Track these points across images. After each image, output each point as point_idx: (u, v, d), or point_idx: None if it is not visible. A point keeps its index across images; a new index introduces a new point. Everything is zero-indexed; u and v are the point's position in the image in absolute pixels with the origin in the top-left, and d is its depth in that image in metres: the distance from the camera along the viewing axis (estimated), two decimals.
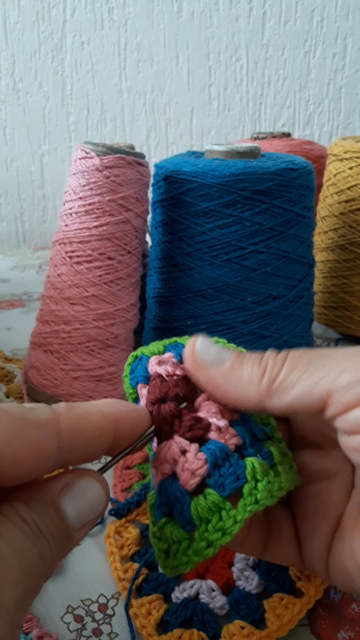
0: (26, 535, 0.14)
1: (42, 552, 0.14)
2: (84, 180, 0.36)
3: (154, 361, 0.19)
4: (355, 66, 0.82)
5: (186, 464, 0.17)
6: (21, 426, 0.14)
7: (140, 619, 0.24)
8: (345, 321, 0.50)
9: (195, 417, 0.17)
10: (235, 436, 0.17)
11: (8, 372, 0.44)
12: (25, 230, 0.96)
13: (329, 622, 0.24)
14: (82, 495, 0.15)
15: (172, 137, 0.88)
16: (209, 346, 0.17)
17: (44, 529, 0.14)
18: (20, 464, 0.14)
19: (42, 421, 0.14)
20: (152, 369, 0.19)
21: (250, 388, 0.16)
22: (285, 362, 0.16)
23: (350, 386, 0.15)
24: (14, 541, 0.13)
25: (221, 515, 0.16)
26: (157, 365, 0.19)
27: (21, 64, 0.85)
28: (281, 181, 0.36)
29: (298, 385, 0.15)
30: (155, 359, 0.19)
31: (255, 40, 0.82)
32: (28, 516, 0.14)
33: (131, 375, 0.20)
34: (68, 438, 0.15)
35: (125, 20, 0.82)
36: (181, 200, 0.37)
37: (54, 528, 0.14)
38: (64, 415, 0.15)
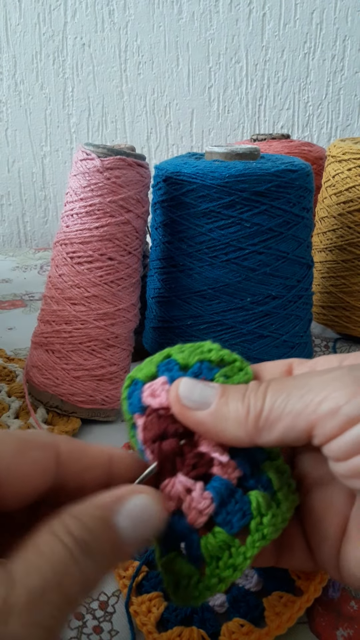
0: (72, 555, 0.13)
1: (86, 571, 0.13)
2: (84, 182, 0.36)
3: (147, 391, 0.18)
4: (354, 68, 0.83)
5: (193, 502, 0.17)
6: (26, 446, 0.14)
7: (140, 616, 0.24)
8: (344, 321, 0.50)
9: (197, 453, 0.17)
10: (237, 469, 0.17)
11: (10, 371, 0.44)
12: (27, 231, 0.96)
13: (328, 620, 0.25)
14: (138, 510, 0.15)
15: (172, 139, 0.88)
16: (192, 389, 0.17)
17: (93, 547, 0.14)
18: (26, 480, 0.14)
19: (44, 443, 0.15)
20: (146, 401, 0.18)
21: (238, 428, 0.16)
22: (266, 397, 0.16)
23: (329, 416, 0.15)
24: (56, 563, 0.13)
25: (231, 553, 0.16)
26: (150, 398, 0.18)
27: (22, 66, 0.86)
28: (280, 182, 0.36)
29: (281, 421, 0.15)
30: (149, 388, 0.18)
31: (255, 42, 0.82)
32: (77, 532, 0.13)
33: (128, 401, 0.19)
34: (66, 461, 0.15)
35: (126, 22, 0.83)
36: (181, 202, 0.37)
37: (105, 544, 0.14)
38: (64, 442, 0.15)
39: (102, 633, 0.24)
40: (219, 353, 0.19)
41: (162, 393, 0.18)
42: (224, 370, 0.18)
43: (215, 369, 0.18)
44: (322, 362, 0.18)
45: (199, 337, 0.39)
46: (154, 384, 0.18)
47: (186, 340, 0.39)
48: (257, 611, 0.24)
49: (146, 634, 0.24)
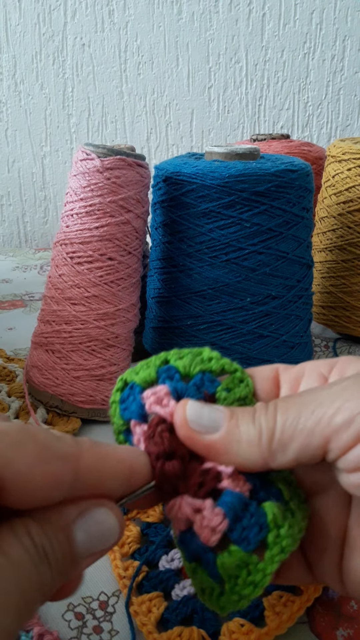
0: (31, 559, 0.13)
1: (43, 578, 0.13)
2: (84, 182, 0.36)
3: (151, 398, 0.17)
4: (354, 68, 0.83)
5: (204, 521, 0.16)
6: (45, 456, 0.14)
7: (140, 616, 0.24)
8: (344, 321, 0.50)
9: (203, 470, 0.16)
10: (247, 482, 0.16)
11: (10, 371, 0.44)
12: (27, 231, 0.96)
13: (328, 620, 0.25)
14: (96, 525, 0.15)
15: (172, 139, 0.88)
16: (200, 412, 0.16)
17: (50, 555, 0.14)
18: (36, 491, 0.14)
19: (65, 454, 0.14)
20: (151, 409, 0.17)
21: (251, 450, 0.16)
22: (277, 417, 0.15)
23: (345, 427, 0.14)
24: (19, 566, 0.13)
25: (249, 570, 0.15)
26: (156, 406, 0.17)
27: (22, 66, 0.86)
28: (280, 182, 0.36)
29: (295, 440, 0.15)
30: (152, 394, 0.17)
31: (255, 43, 0.82)
32: (38, 539, 0.14)
33: (122, 405, 0.18)
34: (85, 475, 0.15)
35: (126, 22, 0.83)
36: (181, 202, 0.37)
37: (61, 554, 0.14)
38: (86, 453, 0.15)
39: (102, 633, 0.24)
40: (220, 362, 0.18)
41: (170, 401, 0.17)
42: (225, 383, 0.18)
43: (216, 381, 0.18)
44: (310, 367, 0.18)
45: (199, 337, 0.39)
46: (158, 392, 0.17)
47: (186, 340, 0.40)
48: (257, 611, 0.24)
49: (146, 634, 0.24)
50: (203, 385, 0.17)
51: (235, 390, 0.17)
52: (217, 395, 0.17)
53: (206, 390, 0.17)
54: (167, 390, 0.17)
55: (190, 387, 0.17)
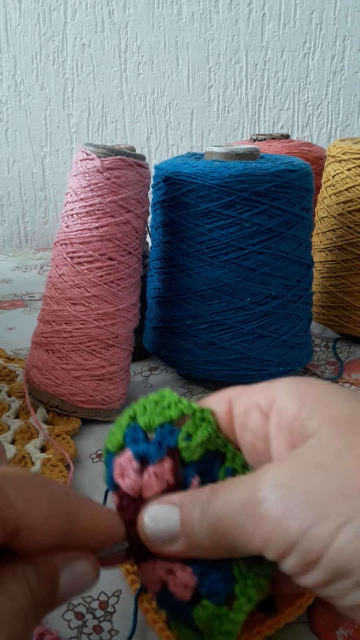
0: (29, 604, 0.15)
1: (30, 622, 0.15)
2: (84, 182, 0.36)
3: (117, 469, 0.18)
4: (354, 68, 0.83)
5: (176, 580, 0.17)
6: (56, 510, 0.15)
7: (151, 613, 0.24)
8: (344, 321, 0.50)
9: None
10: None
11: (10, 371, 0.45)
12: (27, 231, 0.96)
13: (328, 620, 0.25)
14: (78, 574, 0.16)
15: (172, 139, 0.88)
16: (156, 524, 0.17)
17: (40, 601, 0.15)
18: (42, 540, 0.15)
19: (70, 512, 0.16)
20: (117, 481, 0.18)
21: (208, 553, 0.17)
22: (214, 524, 0.16)
23: (266, 549, 0.15)
24: (20, 609, 0.14)
25: (222, 620, 0.17)
26: (120, 479, 0.18)
27: (22, 66, 0.86)
28: (280, 182, 0.36)
29: (237, 547, 0.16)
30: (118, 465, 0.18)
31: (255, 43, 0.83)
32: (34, 585, 0.15)
33: (106, 471, 0.19)
34: (77, 531, 0.16)
35: (126, 22, 0.83)
36: (181, 202, 0.38)
37: (47, 598, 0.15)
38: (84, 512, 0.16)
39: (102, 633, 0.24)
40: (178, 408, 0.18)
41: (130, 473, 0.18)
42: (185, 429, 0.18)
43: (176, 431, 0.18)
44: (251, 401, 0.18)
45: (199, 337, 0.39)
46: (122, 461, 0.18)
47: (186, 340, 0.40)
48: (268, 599, 0.25)
49: (158, 631, 0.24)
50: (164, 440, 0.18)
51: (197, 435, 0.18)
52: (179, 445, 0.18)
53: (168, 445, 0.18)
54: (131, 456, 0.18)
55: (151, 446, 0.18)
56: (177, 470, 0.18)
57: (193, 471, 0.18)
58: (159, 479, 0.17)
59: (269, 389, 0.18)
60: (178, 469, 0.18)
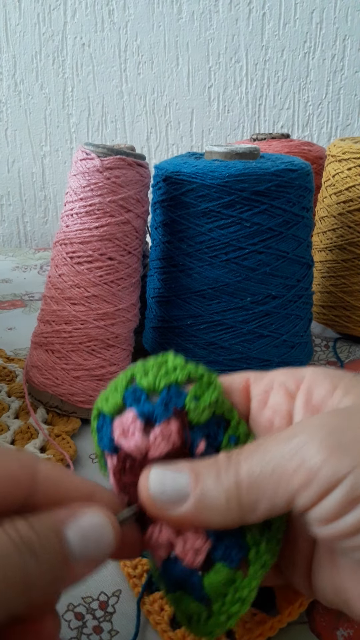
0: (15, 546, 0.13)
1: (28, 568, 0.13)
2: (84, 182, 0.36)
3: (117, 429, 0.17)
4: (354, 67, 0.83)
5: (187, 543, 0.16)
6: (3, 458, 0.15)
7: (154, 615, 0.24)
8: (344, 320, 0.50)
9: None
10: None
11: (10, 371, 0.44)
12: (27, 231, 0.96)
13: (328, 620, 0.25)
14: (88, 527, 0.15)
15: (172, 139, 0.88)
16: (163, 483, 0.16)
17: (37, 548, 0.14)
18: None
19: (24, 459, 0.15)
20: (119, 442, 0.17)
21: (222, 517, 0.15)
22: (240, 477, 0.15)
23: (303, 489, 0.15)
24: (1, 550, 0.13)
25: (236, 587, 0.16)
26: (122, 438, 0.17)
27: (22, 66, 0.86)
28: (280, 182, 0.36)
29: (261, 502, 0.15)
30: (119, 425, 0.17)
31: (255, 42, 0.82)
32: (24, 532, 0.14)
33: (98, 435, 0.18)
34: (44, 485, 0.15)
35: (126, 22, 0.83)
36: (181, 201, 0.37)
37: (50, 550, 0.14)
38: (45, 465, 0.16)
39: (102, 633, 0.24)
40: (185, 371, 0.18)
41: (135, 432, 0.17)
42: (193, 391, 0.17)
43: (183, 393, 0.17)
44: (278, 380, 0.18)
45: (199, 336, 0.39)
46: (124, 421, 0.17)
47: (186, 340, 0.40)
48: (269, 599, 0.25)
49: (161, 632, 0.24)
50: (170, 401, 0.17)
51: (205, 397, 0.17)
52: (187, 407, 0.17)
53: (175, 405, 0.17)
54: (134, 415, 0.17)
55: (157, 406, 0.17)
56: (184, 431, 0.17)
57: (200, 434, 0.17)
58: (165, 439, 0.16)
59: (296, 372, 0.18)
60: (185, 430, 0.17)
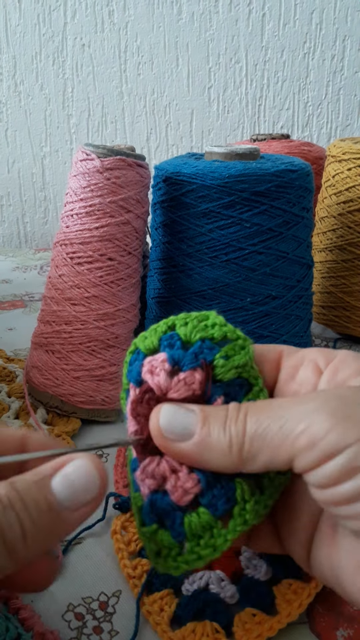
0: (8, 501, 0.14)
1: (24, 523, 0.14)
2: (84, 182, 0.36)
3: (146, 366, 0.18)
4: (353, 68, 0.83)
5: (179, 482, 0.17)
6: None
7: (153, 615, 0.24)
8: (344, 321, 0.50)
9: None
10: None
11: (10, 372, 0.45)
12: (27, 231, 0.96)
13: (328, 620, 0.25)
14: (73, 474, 0.15)
15: (172, 139, 0.88)
16: (173, 418, 0.17)
17: (16, 503, 0.14)
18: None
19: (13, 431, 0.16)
20: (145, 377, 0.18)
21: (223, 459, 0.16)
22: (246, 427, 0.16)
23: (306, 450, 0.15)
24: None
25: (213, 533, 0.17)
26: (149, 374, 0.18)
27: (22, 67, 0.86)
28: (280, 182, 0.36)
29: (262, 453, 0.16)
30: (149, 363, 0.18)
31: (255, 43, 0.83)
32: (5, 490, 0.14)
33: (129, 368, 0.19)
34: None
35: (126, 23, 0.83)
36: (181, 202, 0.37)
37: (34, 502, 0.14)
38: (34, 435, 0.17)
39: (102, 633, 0.24)
40: (222, 330, 0.18)
41: (160, 372, 0.18)
42: (225, 350, 0.18)
43: (215, 349, 0.18)
44: (310, 356, 0.19)
45: None
46: (154, 360, 0.18)
47: None
48: (268, 600, 0.25)
49: (160, 633, 0.24)
50: (202, 353, 0.18)
51: (235, 358, 0.18)
52: (215, 362, 0.18)
53: (204, 358, 0.18)
54: (164, 357, 0.18)
55: (188, 355, 0.18)
56: (206, 383, 0.17)
57: (220, 390, 0.18)
58: (187, 386, 0.17)
59: (330, 352, 0.19)
60: (207, 383, 0.17)
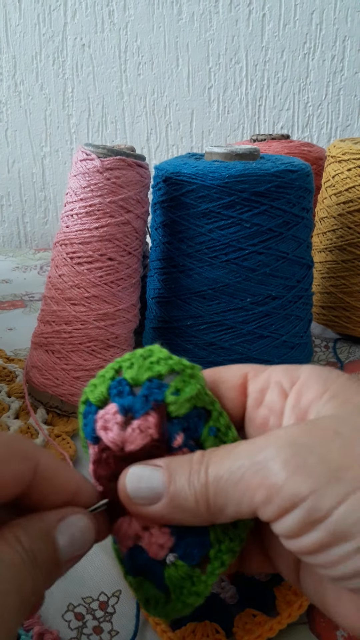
0: (24, 563, 0.14)
1: (36, 579, 0.15)
2: (84, 182, 0.36)
3: (99, 421, 0.18)
4: (354, 68, 0.83)
5: (152, 538, 0.17)
6: (8, 455, 0.15)
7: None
8: (344, 321, 0.50)
9: None
10: None
11: (10, 371, 0.45)
12: (27, 231, 0.96)
13: (328, 620, 0.25)
14: (75, 529, 0.16)
15: (172, 139, 0.88)
16: (139, 483, 0.17)
17: (39, 559, 0.15)
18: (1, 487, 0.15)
19: (26, 453, 0.16)
20: (99, 434, 0.17)
21: (192, 516, 0.16)
22: (208, 481, 0.16)
23: (264, 505, 0.15)
24: (14, 568, 0.14)
25: (193, 581, 0.17)
26: (103, 432, 0.17)
27: (22, 67, 0.86)
28: (280, 183, 0.36)
29: (228, 507, 0.16)
30: (101, 417, 0.18)
31: (255, 43, 0.83)
32: (27, 544, 0.15)
33: (84, 421, 0.18)
34: (41, 478, 0.16)
35: (126, 23, 0.83)
36: (181, 202, 0.37)
37: (47, 557, 0.15)
38: (44, 457, 0.16)
39: (102, 633, 0.24)
40: (168, 364, 0.18)
41: (114, 427, 0.17)
42: (174, 384, 0.17)
43: (164, 386, 0.17)
44: (274, 378, 0.18)
45: (199, 337, 0.39)
46: (106, 414, 0.17)
47: (186, 340, 0.40)
48: (269, 600, 0.25)
49: (160, 633, 0.24)
50: (151, 395, 0.17)
51: (185, 390, 0.17)
52: (167, 400, 0.17)
53: (154, 399, 0.17)
54: (116, 409, 0.17)
55: (137, 399, 0.17)
56: (162, 424, 0.17)
57: (178, 427, 0.17)
58: (143, 433, 0.17)
59: (294, 371, 0.18)
60: (163, 424, 0.17)
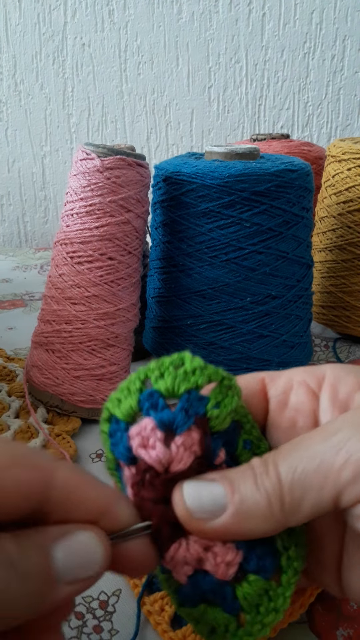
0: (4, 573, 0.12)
1: (7, 585, 0.13)
2: (84, 182, 0.36)
3: (136, 439, 0.16)
4: (354, 68, 0.83)
5: (218, 558, 0.15)
6: (15, 464, 0.13)
7: (154, 615, 0.24)
8: (344, 321, 0.50)
9: None
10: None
11: (10, 371, 0.45)
12: (27, 231, 0.96)
13: (328, 620, 0.25)
14: (77, 547, 0.14)
15: (172, 139, 0.88)
16: (199, 497, 0.15)
17: (19, 566, 0.13)
18: (4, 495, 0.13)
19: (37, 464, 0.14)
20: (137, 452, 0.16)
21: (266, 522, 0.15)
22: (280, 477, 0.15)
23: (353, 483, 0.14)
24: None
25: (270, 596, 0.16)
26: (141, 449, 0.16)
27: (22, 66, 0.86)
28: (280, 182, 0.36)
29: (306, 500, 0.15)
30: (137, 435, 0.16)
31: (255, 42, 0.82)
32: (9, 546, 0.13)
33: (111, 440, 0.17)
34: (58, 494, 0.14)
35: (126, 22, 0.83)
36: (181, 201, 0.38)
37: (35, 569, 0.13)
38: (63, 470, 0.14)
39: (102, 633, 0.24)
40: (205, 374, 0.16)
41: (156, 444, 0.15)
42: (214, 397, 0.16)
43: (204, 398, 0.16)
44: (297, 379, 0.18)
45: (199, 336, 0.39)
46: (142, 430, 0.16)
47: (186, 339, 0.40)
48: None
49: (161, 632, 0.24)
50: (192, 408, 0.16)
51: (225, 402, 0.16)
52: (209, 414, 0.16)
53: (196, 413, 0.16)
54: (153, 425, 0.16)
55: (177, 414, 0.16)
56: (206, 440, 0.16)
57: (219, 442, 0.16)
58: (189, 451, 0.15)
59: (316, 370, 0.18)
60: (206, 439, 0.16)
